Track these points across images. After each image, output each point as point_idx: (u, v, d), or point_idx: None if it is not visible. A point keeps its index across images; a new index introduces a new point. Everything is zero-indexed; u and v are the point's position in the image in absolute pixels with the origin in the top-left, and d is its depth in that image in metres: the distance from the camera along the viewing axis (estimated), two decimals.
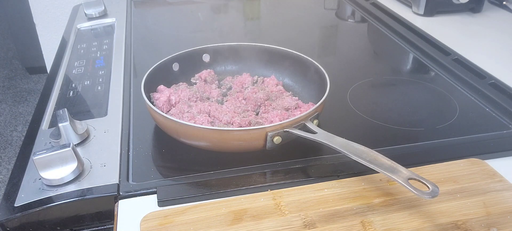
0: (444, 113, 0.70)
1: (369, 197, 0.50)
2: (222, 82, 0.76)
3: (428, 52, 0.89)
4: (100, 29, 1.04)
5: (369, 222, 0.47)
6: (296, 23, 1.12)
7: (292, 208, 0.49)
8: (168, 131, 0.60)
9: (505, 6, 1.11)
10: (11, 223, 0.51)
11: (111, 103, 0.71)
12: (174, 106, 0.67)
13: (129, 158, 0.59)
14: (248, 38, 1.05)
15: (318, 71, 0.68)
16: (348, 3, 1.23)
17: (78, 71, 0.83)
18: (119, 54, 0.89)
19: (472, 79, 0.77)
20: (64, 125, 0.58)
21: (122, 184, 0.54)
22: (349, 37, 1.06)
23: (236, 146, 0.57)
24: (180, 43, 0.98)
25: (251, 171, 0.56)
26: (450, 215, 0.48)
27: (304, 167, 0.57)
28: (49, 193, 0.53)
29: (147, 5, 1.24)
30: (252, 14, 1.22)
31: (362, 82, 0.80)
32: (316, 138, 0.55)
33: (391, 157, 0.49)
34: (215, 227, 0.47)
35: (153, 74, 0.68)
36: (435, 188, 0.45)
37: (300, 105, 0.66)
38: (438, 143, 0.63)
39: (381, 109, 0.72)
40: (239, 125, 0.61)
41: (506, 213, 0.48)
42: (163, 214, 0.49)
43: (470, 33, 0.99)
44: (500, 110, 0.70)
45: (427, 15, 1.07)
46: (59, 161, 0.53)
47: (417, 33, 0.97)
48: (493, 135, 0.64)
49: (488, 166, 0.55)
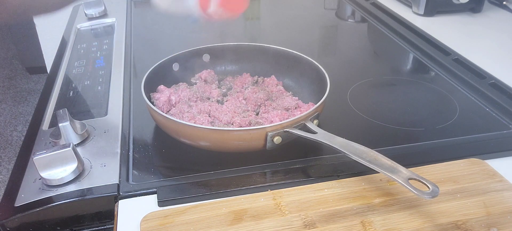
0: (444, 113, 0.70)
1: (369, 197, 0.50)
2: (222, 82, 0.76)
3: (428, 52, 0.89)
4: (100, 29, 1.04)
5: (369, 222, 0.47)
6: (296, 23, 1.12)
7: (292, 208, 0.49)
8: (168, 131, 0.60)
9: (505, 6, 1.11)
10: (11, 223, 0.51)
11: (111, 103, 0.71)
12: (174, 106, 0.67)
13: (129, 158, 0.59)
14: (248, 38, 1.05)
15: (318, 71, 0.68)
16: (348, 3, 1.23)
17: (78, 71, 0.83)
18: (119, 54, 0.89)
19: (472, 79, 0.77)
20: (64, 125, 0.58)
21: (122, 184, 0.54)
22: (349, 37, 1.06)
23: (236, 146, 0.57)
24: (180, 43, 0.98)
25: (251, 171, 0.56)
26: (450, 215, 0.48)
27: (304, 167, 0.57)
28: (49, 193, 0.53)
29: (147, 5, 1.23)
30: (252, 14, 1.22)
31: (362, 82, 0.80)
32: (316, 138, 0.55)
33: (391, 157, 0.49)
34: (215, 227, 0.47)
35: (153, 74, 0.68)
36: (435, 188, 0.45)
37: (300, 105, 0.66)
38: (438, 143, 0.63)
39: (381, 109, 0.72)
40: (239, 125, 0.61)
41: (506, 213, 0.48)
42: (163, 214, 0.49)
43: (470, 33, 0.99)
44: (500, 110, 0.70)
45: (427, 15, 1.07)
46: (59, 161, 0.53)
47: (417, 33, 0.97)
48: (493, 135, 0.64)
49: (488, 166, 0.55)
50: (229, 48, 0.78)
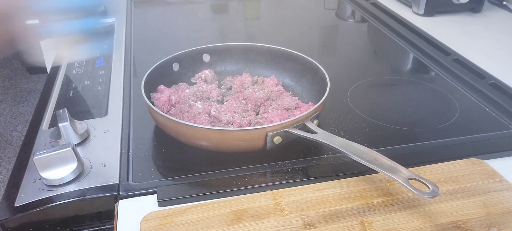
0: (444, 113, 0.70)
1: (369, 197, 0.50)
2: (222, 82, 0.76)
3: (428, 52, 0.89)
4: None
5: (369, 222, 0.47)
6: (296, 23, 1.12)
7: (292, 208, 0.49)
8: (168, 131, 0.60)
9: (505, 6, 1.11)
10: (11, 223, 0.51)
11: (111, 103, 0.71)
12: (174, 106, 0.67)
13: (129, 158, 0.59)
14: (248, 38, 1.05)
15: (318, 71, 0.68)
16: (348, 3, 1.23)
17: (78, 71, 0.83)
18: (119, 54, 0.89)
19: (472, 79, 0.77)
20: (64, 125, 0.58)
21: (122, 184, 0.54)
22: (349, 37, 1.06)
23: (236, 146, 0.57)
24: (180, 43, 0.98)
25: (251, 171, 0.56)
26: (450, 215, 0.48)
27: (304, 167, 0.57)
28: (49, 193, 0.53)
29: (147, 5, 1.24)
30: (252, 14, 1.22)
31: (362, 82, 0.80)
32: (316, 138, 0.55)
33: (391, 157, 0.49)
34: (215, 227, 0.47)
35: (153, 74, 0.68)
36: (435, 188, 0.45)
37: (300, 105, 0.66)
38: (438, 143, 0.63)
39: (381, 109, 0.72)
40: (239, 125, 0.61)
41: (506, 213, 0.48)
42: (163, 214, 0.49)
43: (470, 33, 0.99)
44: (500, 110, 0.70)
45: (427, 15, 1.07)
46: (59, 161, 0.53)
47: (417, 33, 0.97)
48: (493, 135, 0.64)
49: (488, 166, 0.55)
50: (229, 48, 0.78)
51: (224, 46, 0.78)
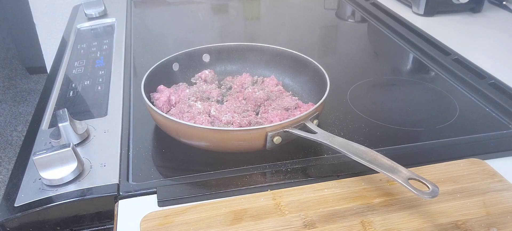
0: (444, 113, 0.70)
1: (369, 197, 0.50)
2: (222, 82, 0.76)
3: (428, 52, 0.89)
4: (100, 29, 1.04)
5: (369, 222, 0.47)
6: (296, 23, 1.12)
7: (292, 208, 0.49)
8: (168, 131, 0.60)
9: (505, 6, 1.11)
10: (11, 223, 0.51)
11: (111, 103, 0.71)
12: (174, 106, 0.67)
13: (129, 158, 0.59)
14: (248, 38, 1.05)
15: (318, 71, 0.68)
16: (348, 3, 1.23)
17: (78, 71, 0.83)
18: (119, 54, 0.89)
19: (472, 79, 0.77)
20: (64, 125, 0.58)
21: (122, 184, 0.54)
22: (349, 37, 1.06)
23: (236, 146, 0.57)
24: (180, 43, 0.98)
25: (251, 171, 0.56)
26: (450, 215, 0.48)
27: (304, 167, 0.57)
28: (49, 193, 0.53)
29: (147, 5, 1.24)
30: (252, 14, 1.22)
31: (362, 82, 0.80)
32: (316, 138, 0.55)
33: (391, 157, 0.49)
34: (215, 227, 0.47)
35: (153, 74, 0.68)
36: (435, 188, 0.45)
37: (300, 105, 0.66)
38: (438, 143, 0.63)
39: (381, 109, 0.72)
40: (239, 125, 0.61)
41: (506, 213, 0.48)
42: (163, 214, 0.49)
43: (470, 33, 0.99)
44: (500, 110, 0.70)
45: (427, 15, 1.07)
46: (59, 161, 0.53)
47: (417, 33, 0.97)
48: (493, 135, 0.64)
49: (488, 166, 0.55)
50: (229, 48, 0.78)
51: (224, 46, 0.78)
